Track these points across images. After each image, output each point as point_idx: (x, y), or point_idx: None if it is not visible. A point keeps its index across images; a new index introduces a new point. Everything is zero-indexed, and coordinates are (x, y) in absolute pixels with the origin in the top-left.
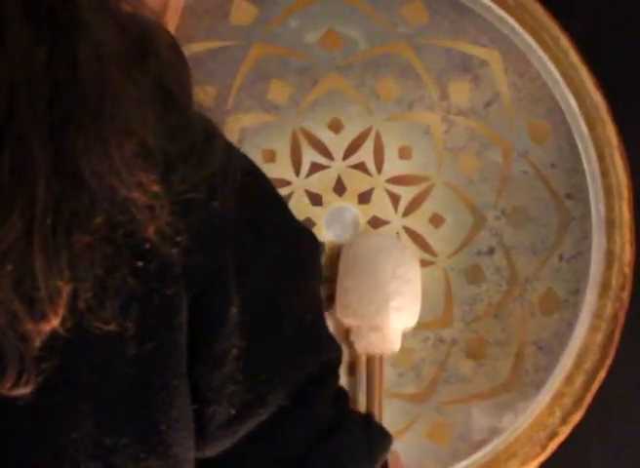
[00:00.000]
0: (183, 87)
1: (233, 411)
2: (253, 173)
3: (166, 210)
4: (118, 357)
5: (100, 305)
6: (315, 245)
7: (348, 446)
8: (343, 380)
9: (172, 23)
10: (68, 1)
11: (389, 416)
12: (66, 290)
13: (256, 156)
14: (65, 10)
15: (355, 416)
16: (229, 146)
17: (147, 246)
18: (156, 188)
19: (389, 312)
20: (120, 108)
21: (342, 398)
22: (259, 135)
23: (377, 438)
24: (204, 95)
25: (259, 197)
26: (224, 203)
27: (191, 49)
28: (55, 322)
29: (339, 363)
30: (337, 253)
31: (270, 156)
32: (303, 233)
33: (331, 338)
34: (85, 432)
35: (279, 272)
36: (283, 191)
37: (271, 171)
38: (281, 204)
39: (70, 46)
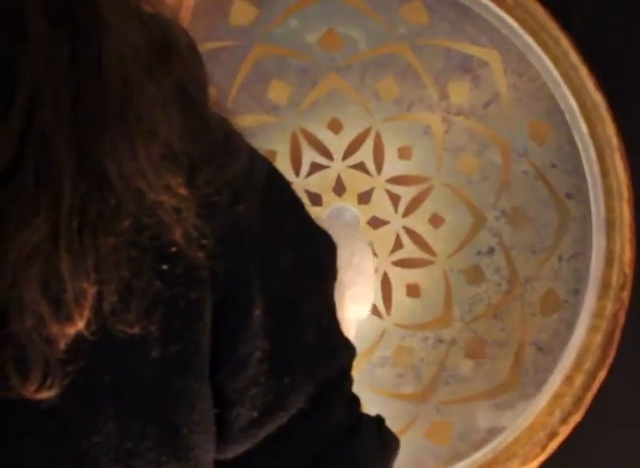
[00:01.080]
0: (202, 87)
1: (255, 414)
2: (273, 175)
3: (192, 213)
4: (141, 360)
5: (125, 308)
6: (332, 247)
7: (364, 450)
8: None
9: (185, 23)
10: (91, 1)
11: (389, 416)
12: (92, 292)
13: None
14: (88, 9)
15: (367, 420)
16: (251, 149)
17: (173, 249)
18: (183, 191)
19: (345, 301)
20: (145, 109)
21: (356, 402)
22: (258, 135)
23: (388, 442)
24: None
25: (279, 199)
26: (248, 206)
27: None
28: (80, 324)
29: (351, 363)
30: None
31: (270, 157)
32: (322, 236)
33: (346, 340)
34: (107, 435)
35: (300, 275)
36: None
37: None
38: (300, 206)
39: (93, 45)
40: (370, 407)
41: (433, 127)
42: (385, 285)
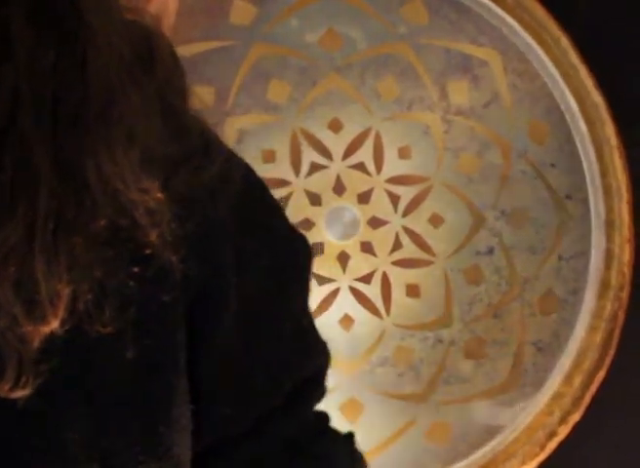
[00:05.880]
0: (181, 93)
1: (229, 411)
2: (250, 177)
3: (167, 215)
4: (116, 360)
5: (99, 308)
6: (309, 250)
7: (335, 452)
8: None
9: (167, 30)
10: (74, 5)
11: (389, 416)
12: (66, 292)
13: (255, 156)
14: (72, 14)
15: (338, 434)
16: (228, 151)
17: (148, 251)
18: (159, 194)
19: None
20: (126, 113)
21: (325, 416)
22: (258, 135)
23: (358, 460)
24: (203, 95)
25: (256, 201)
26: (224, 208)
27: (191, 49)
28: (54, 324)
29: (328, 366)
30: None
31: (270, 156)
32: (298, 238)
33: (322, 341)
34: (83, 434)
35: (276, 277)
36: (282, 191)
37: (271, 171)
38: (277, 208)
39: (77, 49)
40: (370, 407)
41: (433, 126)
42: (385, 285)
